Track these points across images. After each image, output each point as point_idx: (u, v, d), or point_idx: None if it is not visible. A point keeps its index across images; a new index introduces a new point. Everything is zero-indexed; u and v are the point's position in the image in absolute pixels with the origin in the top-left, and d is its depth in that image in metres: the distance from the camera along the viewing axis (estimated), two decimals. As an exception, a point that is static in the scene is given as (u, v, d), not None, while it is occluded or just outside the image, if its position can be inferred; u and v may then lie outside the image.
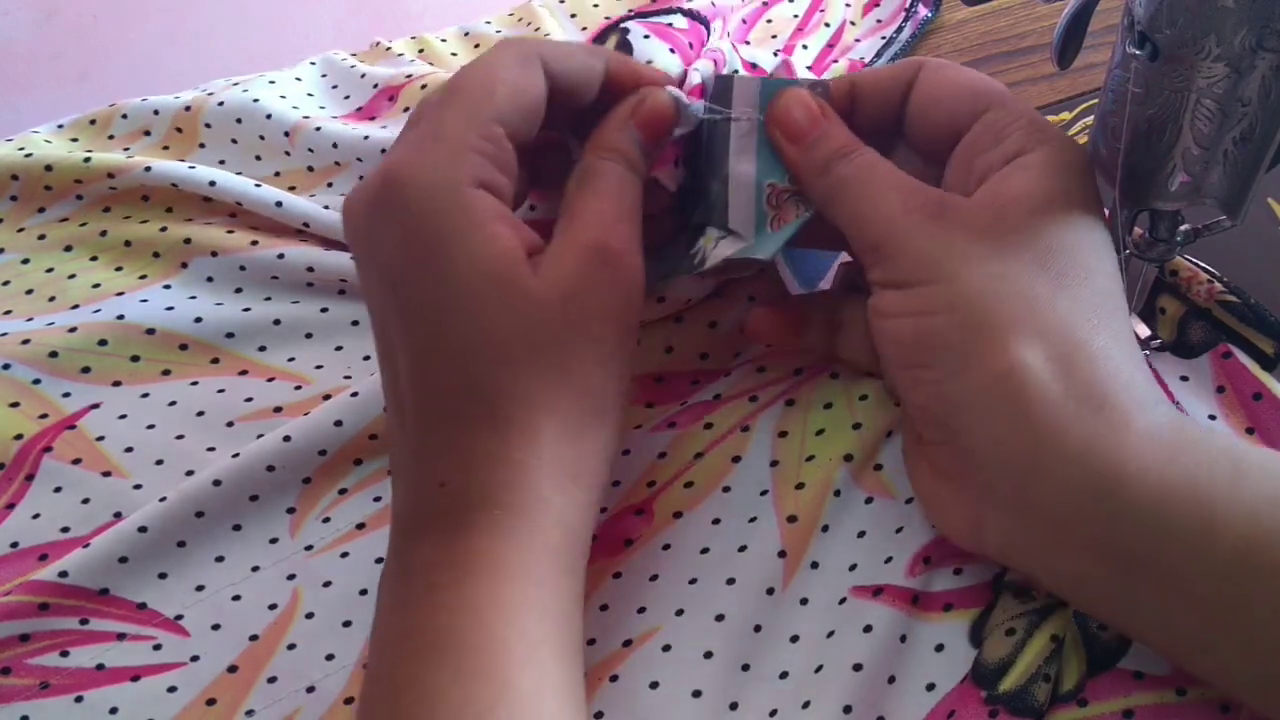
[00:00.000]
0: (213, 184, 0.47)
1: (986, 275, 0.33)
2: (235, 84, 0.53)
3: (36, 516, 0.41)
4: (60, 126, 0.53)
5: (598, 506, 0.35)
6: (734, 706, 0.36)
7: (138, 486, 0.41)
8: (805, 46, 0.55)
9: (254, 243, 0.46)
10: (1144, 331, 0.40)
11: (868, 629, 0.37)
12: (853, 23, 0.56)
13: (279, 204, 0.47)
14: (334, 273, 0.46)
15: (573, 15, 0.57)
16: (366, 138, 0.49)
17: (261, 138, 0.50)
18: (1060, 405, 0.31)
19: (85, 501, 0.41)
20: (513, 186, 0.35)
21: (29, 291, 0.47)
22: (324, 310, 0.45)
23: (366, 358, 0.44)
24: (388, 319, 0.34)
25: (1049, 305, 0.32)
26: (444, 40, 0.57)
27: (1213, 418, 0.39)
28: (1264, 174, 0.34)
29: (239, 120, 0.51)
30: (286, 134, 0.50)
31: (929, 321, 0.33)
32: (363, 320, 0.45)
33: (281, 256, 0.46)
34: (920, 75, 0.37)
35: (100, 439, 0.42)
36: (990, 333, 0.32)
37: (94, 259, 0.48)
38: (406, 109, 0.51)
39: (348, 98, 0.54)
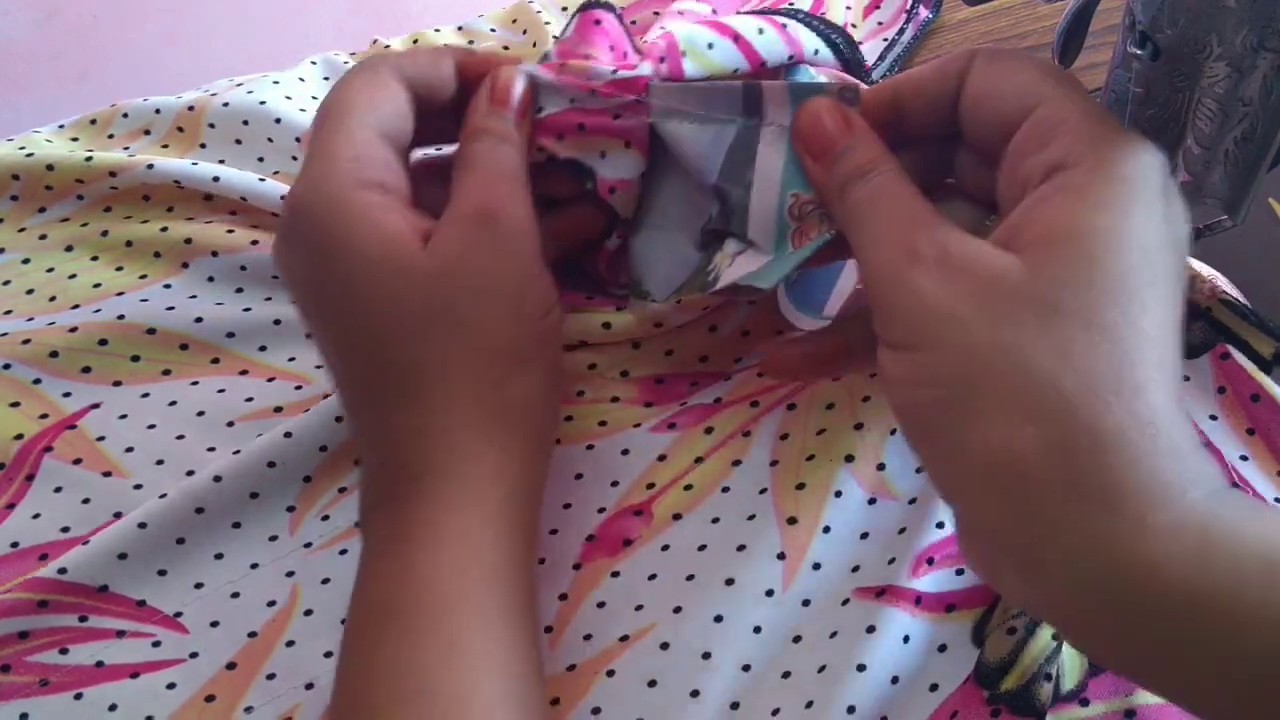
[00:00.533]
0: (216, 179, 0.47)
1: (978, 343, 0.28)
2: (239, 84, 0.53)
3: (37, 516, 0.41)
4: (61, 127, 0.53)
5: (542, 452, 0.36)
6: (735, 706, 0.36)
7: (138, 486, 0.41)
8: (809, 50, 0.55)
9: (254, 242, 0.46)
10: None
11: (871, 629, 0.37)
12: (854, 25, 0.56)
13: (284, 198, 0.47)
14: None
15: (564, 9, 0.57)
16: None
17: (270, 140, 0.50)
18: (1061, 501, 0.27)
19: (86, 501, 0.41)
20: (406, 185, 0.36)
21: (30, 291, 0.47)
22: None
23: None
24: (313, 331, 0.36)
25: (1050, 380, 0.27)
26: (438, 30, 0.57)
27: (1214, 418, 0.39)
28: (1265, 174, 0.34)
29: (245, 122, 0.51)
30: (298, 139, 0.50)
31: (917, 393, 0.29)
32: None
33: None
34: (972, 68, 0.33)
35: (101, 439, 0.42)
36: (978, 413, 0.28)
37: (94, 259, 0.47)
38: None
39: None
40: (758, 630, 0.37)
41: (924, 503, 0.39)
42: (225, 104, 0.51)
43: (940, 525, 0.38)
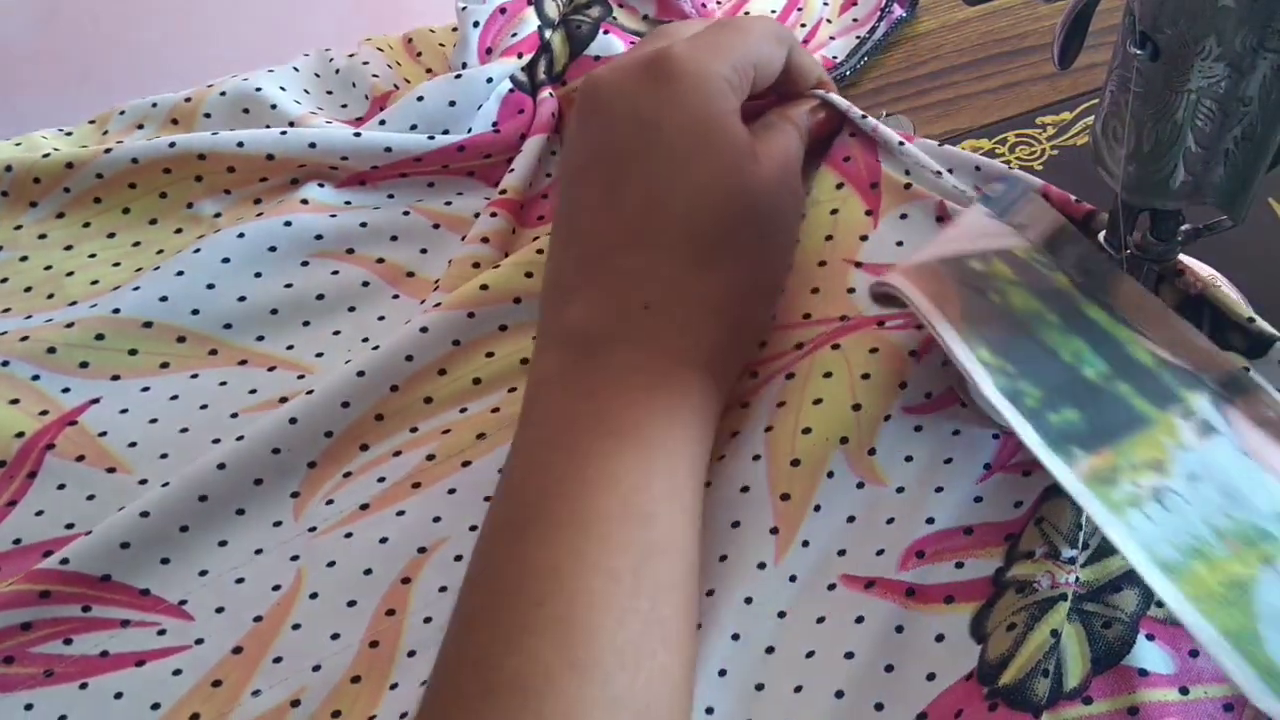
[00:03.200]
0: (215, 134, 0.48)
1: None
2: (233, 76, 0.54)
3: (40, 513, 0.41)
4: (61, 130, 0.54)
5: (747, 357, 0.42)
6: (722, 674, 0.36)
7: (143, 482, 0.41)
8: (781, 45, 0.56)
9: (259, 215, 0.47)
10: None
11: (859, 620, 0.37)
12: (829, 20, 0.58)
13: (312, 145, 0.48)
14: (341, 241, 0.47)
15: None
16: (389, 149, 0.49)
17: (267, 126, 0.51)
18: None
19: (90, 498, 0.41)
20: None
21: (28, 289, 0.47)
22: (320, 297, 0.46)
23: (365, 339, 0.45)
24: (626, 155, 0.39)
25: None
26: (433, 30, 0.58)
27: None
28: (1265, 174, 0.34)
29: (245, 110, 0.51)
30: (291, 123, 0.50)
31: None
32: (359, 305, 0.46)
33: (289, 224, 0.46)
34: None
35: (103, 435, 0.42)
36: None
37: (92, 256, 0.48)
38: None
39: (345, 106, 0.54)
40: (749, 601, 0.37)
41: (913, 493, 0.39)
42: (222, 93, 0.52)
43: (930, 520, 0.38)
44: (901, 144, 0.44)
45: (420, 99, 0.50)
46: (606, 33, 0.54)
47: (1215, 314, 0.39)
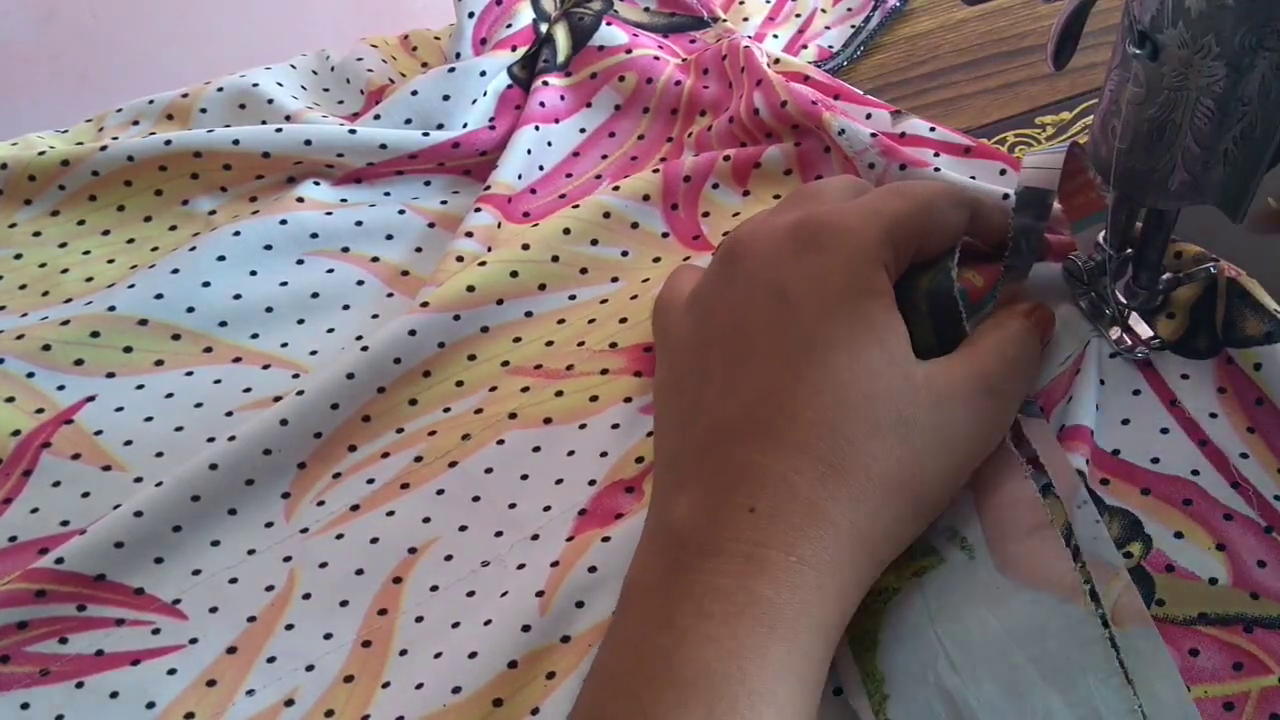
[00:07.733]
0: (211, 131, 0.48)
1: None
2: (230, 74, 0.54)
3: (35, 511, 0.41)
4: (60, 131, 0.54)
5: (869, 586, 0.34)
6: None
7: (138, 480, 0.41)
8: (776, 36, 0.57)
9: (255, 213, 0.47)
10: (1145, 332, 0.40)
11: None
12: (823, 10, 0.58)
13: (308, 142, 0.48)
14: (336, 239, 0.47)
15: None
16: (384, 146, 0.49)
17: (264, 121, 0.51)
18: None
19: (85, 495, 0.41)
20: None
21: (22, 287, 0.47)
22: (315, 295, 0.46)
23: (358, 337, 0.45)
24: (757, 331, 0.35)
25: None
26: (437, 38, 0.58)
27: (1214, 415, 0.38)
28: (1264, 173, 0.34)
29: (242, 106, 0.52)
30: (288, 118, 0.51)
31: None
32: (354, 304, 0.46)
33: (284, 222, 0.46)
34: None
35: (99, 433, 0.42)
36: None
37: (87, 253, 0.48)
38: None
39: (341, 103, 0.55)
40: None
41: None
42: (219, 89, 0.52)
43: None
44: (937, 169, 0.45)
45: (414, 93, 0.51)
46: (609, 24, 0.54)
47: (1233, 301, 0.39)
